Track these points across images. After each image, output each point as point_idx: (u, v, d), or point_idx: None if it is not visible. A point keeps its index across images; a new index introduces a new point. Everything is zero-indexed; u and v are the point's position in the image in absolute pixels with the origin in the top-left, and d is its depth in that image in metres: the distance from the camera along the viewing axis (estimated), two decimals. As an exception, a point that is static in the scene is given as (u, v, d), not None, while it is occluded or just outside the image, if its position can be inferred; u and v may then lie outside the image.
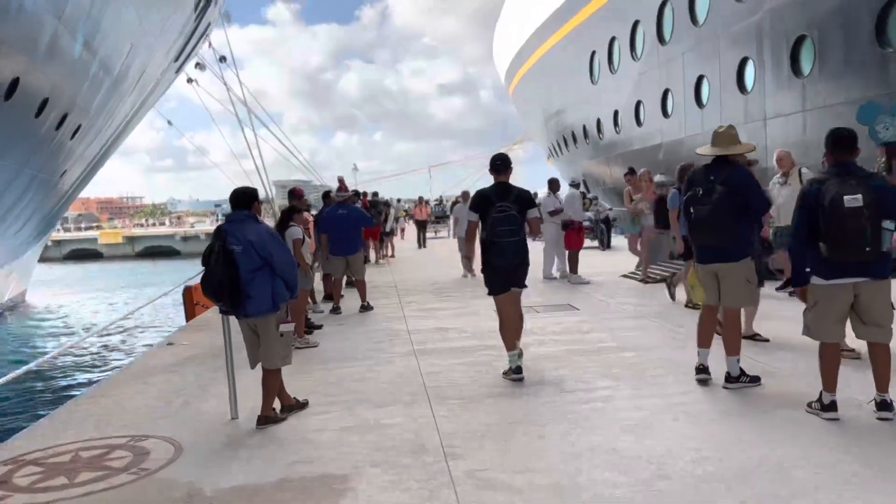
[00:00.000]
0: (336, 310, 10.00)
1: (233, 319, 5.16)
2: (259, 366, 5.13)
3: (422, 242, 22.98)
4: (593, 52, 27.73)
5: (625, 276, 11.60)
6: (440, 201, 37.00)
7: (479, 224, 5.90)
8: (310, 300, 9.63)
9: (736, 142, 5.20)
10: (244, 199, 5.09)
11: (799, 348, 6.11)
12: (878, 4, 13.34)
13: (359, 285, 10.29)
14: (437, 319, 9.01)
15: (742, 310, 5.71)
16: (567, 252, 12.07)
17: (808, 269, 4.51)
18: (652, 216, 11.14)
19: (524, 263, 5.95)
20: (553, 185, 12.20)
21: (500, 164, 6.02)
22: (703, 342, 5.40)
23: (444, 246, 22.26)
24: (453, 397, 5.42)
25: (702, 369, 5.38)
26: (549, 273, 12.38)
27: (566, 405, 5.05)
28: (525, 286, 6.08)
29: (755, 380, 5.22)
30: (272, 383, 5.07)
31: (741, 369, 5.22)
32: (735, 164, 5.15)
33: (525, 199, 5.92)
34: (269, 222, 8.51)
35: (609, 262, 14.29)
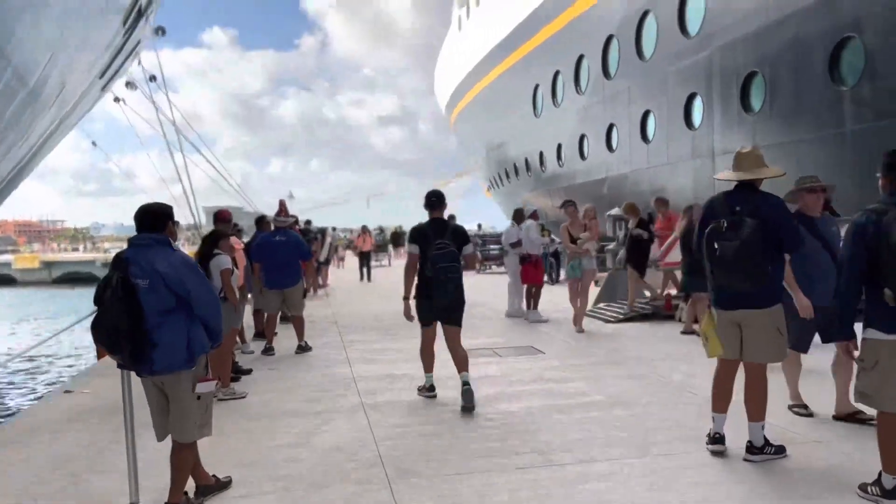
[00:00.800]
0: (268, 350, 8.82)
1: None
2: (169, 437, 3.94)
3: (365, 275, 20.94)
4: (536, 86, 27.47)
5: (587, 314, 10.75)
6: (381, 230, 35.86)
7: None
8: (238, 339, 8.41)
9: (762, 164, 4.37)
10: (154, 218, 3.85)
11: (816, 408, 5.34)
12: (831, 41, 13.21)
13: (295, 322, 9.09)
14: (386, 363, 7.94)
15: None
16: (524, 287, 11.23)
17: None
18: (595, 259, 10.48)
19: (462, 299, 6.09)
20: (517, 215, 11.40)
21: (436, 201, 6.15)
22: (719, 406, 4.48)
23: (387, 276, 21.11)
24: (416, 473, 4.35)
25: (717, 438, 4.46)
26: (515, 310, 11.47)
27: (561, 487, 4.04)
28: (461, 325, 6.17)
29: (780, 450, 4.35)
30: (184, 460, 3.85)
31: (765, 438, 4.35)
32: (762, 191, 4.34)
33: (461, 235, 6.13)
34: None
35: (562, 298, 13.46)
